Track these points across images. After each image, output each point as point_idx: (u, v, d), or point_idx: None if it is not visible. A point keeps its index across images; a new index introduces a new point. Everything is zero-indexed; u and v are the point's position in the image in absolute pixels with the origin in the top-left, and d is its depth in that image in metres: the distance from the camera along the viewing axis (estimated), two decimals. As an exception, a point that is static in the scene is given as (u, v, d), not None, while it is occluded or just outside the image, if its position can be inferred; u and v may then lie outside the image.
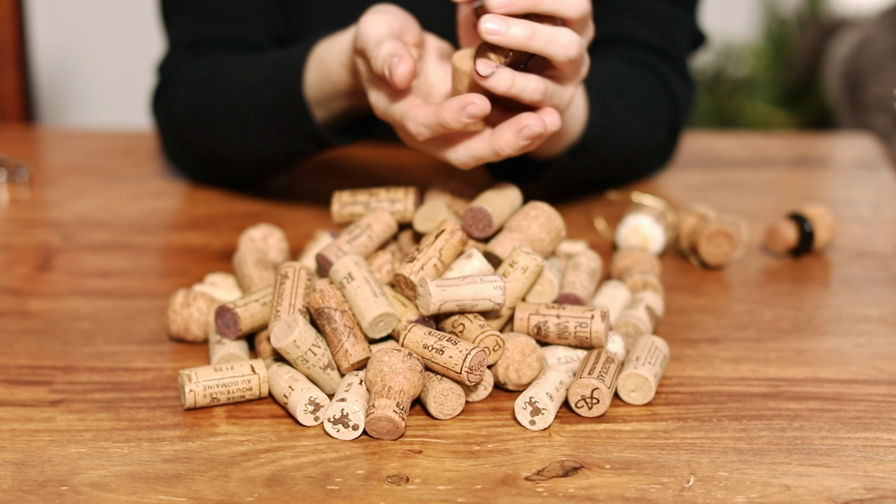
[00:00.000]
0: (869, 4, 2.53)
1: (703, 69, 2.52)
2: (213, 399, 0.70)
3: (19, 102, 1.41)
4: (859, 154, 1.21)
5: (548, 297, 0.76)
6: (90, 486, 0.62)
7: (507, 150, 0.76)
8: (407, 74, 0.76)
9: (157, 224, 1.01)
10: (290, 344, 0.69)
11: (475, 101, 0.73)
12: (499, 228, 0.78)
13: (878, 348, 0.78)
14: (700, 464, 0.64)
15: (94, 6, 2.47)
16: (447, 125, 0.75)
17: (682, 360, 0.76)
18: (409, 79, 0.76)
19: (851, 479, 0.63)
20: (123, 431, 0.68)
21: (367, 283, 0.71)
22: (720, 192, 1.09)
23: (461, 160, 0.78)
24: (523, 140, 0.76)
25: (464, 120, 0.74)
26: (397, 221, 0.80)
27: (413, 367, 0.67)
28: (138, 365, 0.76)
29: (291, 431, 0.68)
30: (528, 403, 0.68)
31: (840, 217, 1.01)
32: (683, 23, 1.09)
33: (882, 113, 2.17)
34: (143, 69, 2.06)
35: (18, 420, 0.69)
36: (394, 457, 0.65)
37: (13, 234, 0.99)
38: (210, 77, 1.01)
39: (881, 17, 2.27)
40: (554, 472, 0.64)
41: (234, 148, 1.00)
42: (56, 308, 0.84)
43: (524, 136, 0.75)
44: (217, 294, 0.81)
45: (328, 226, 0.96)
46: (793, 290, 0.88)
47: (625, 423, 0.69)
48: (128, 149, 1.20)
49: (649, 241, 0.91)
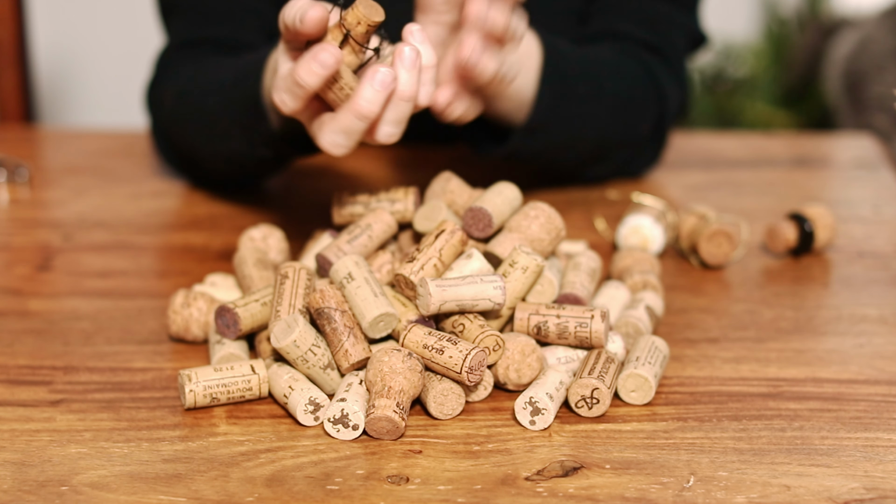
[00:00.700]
0: (869, 4, 2.53)
1: (703, 69, 2.52)
2: (213, 399, 0.70)
3: (19, 102, 1.41)
4: (859, 154, 1.21)
5: (548, 297, 0.76)
6: (90, 486, 0.62)
7: (367, 105, 0.72)
8: (317, 18, 0.71)
9: (157, 224, 1.01)
10: (290, 344, 0.69)
11: (325, 48, 0.70)
12: (499, 228, 0.78)
13: (878, 348, 0.78)
14: (700, 464, 0.64)
15: (94, 6, 2.47)
16: (302, 80, 0.71)
17: (682, 360, 0.76)
18: (318, 23, 0.72)
19: (851, 479, 0.63)
20: (123, 431, 0.68)
21: (367, 283, 0.71)
22: (720, 192, 1.09)
23: (329, 139, 0.74)
24: (380, 87, 0.72)
25: (316, 70, 0.71)
26: (397, 221, 0.80)
27: (413, 367, 0.67)
28: (138, 365, 0.76)
29: (291, 431, 0.68)
30: (528, 403, 0.68)
31: (840, 217, 1.01)
32: (682, 22, 1.09)
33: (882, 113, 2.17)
34: (143, 69, 2.06)
35: (18, 420, 0.69)
36: (394, 457, 0.65)
37: (13, 234, 0.99)
38: (191, 79, 1.01)
39: (881, 17, 2.27)
40: (554, 472, 0.64)
41: (206, 150, 1.00)
42: (56, 308, 0.84)
43: (379, 83, 0.72)
44: (217, 294, 0.81)
45: (328, 226, 0.96)
46: (793, 290, 0.88)
47: (625, 423, 0.69)
48: (128, 149, 1.20)
49: (649, 241, 0.91)
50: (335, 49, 0.71)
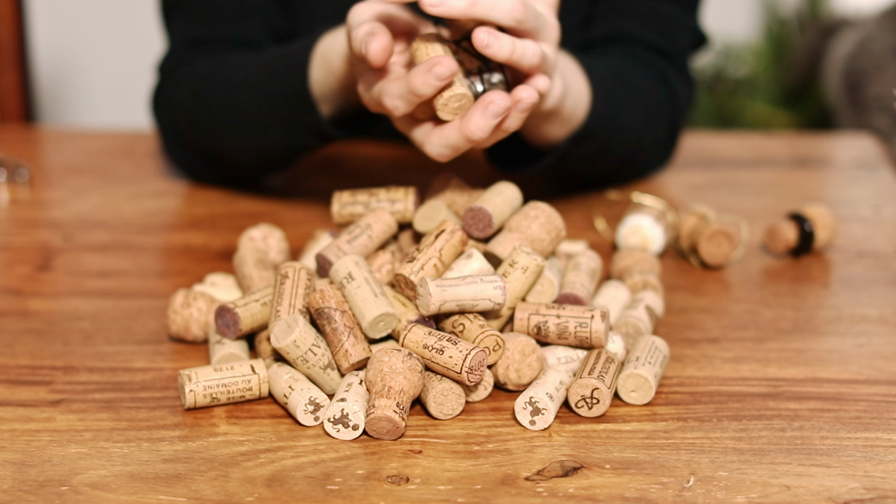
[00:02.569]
0: (869, 4, 2.53)
1: (703, 69, 2.52)
2: (213, 399, 0.70)
3: (19, 102, 1.41)
4: (859, 154, 1.21)
5: (548, 297, 0.76)
6: (90, 486, 0.62)
7: (478, 132, 0.75)
8: (380, 50, 0.75)
9: (157, 224, 1.01)
10: (290, 344, 0.69)
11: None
12: (499, 228, 0.78)
13: (878, 348, 0.78)
14: (700, 464, 0.64)
15: (94, 6, 2.47)
16: (417, 91, 0.74)
17: (682, 360, 0.76)
18: (383, 55, 0.75)
19: (851, 479, 0.63)
20: (123, 431, 0.68)
21: (367, 283, 0.71)
22: (720, 192, 1.09)
23: (436, 150, 0.77)
24: (491, 118, 0.74)
25: (433, 83, 0.73)
26: (397, 221, 0.80)
27: (413, 367, 0.67)
28: (138, 365, 0.76)
29: (291, 431, 0.68)
30: (528, 403, 0.68)
31: (840, 217, 1.01)
32: (684, 23, 1.10)
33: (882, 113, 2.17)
34: (143, 69, 2.06)
35: (18, 420, 0.69)
36: (394, 457, 0.65)
37: (13, 234, 0.99)
38: (211, 76, 1.01)
39: (881, 17, 2.27)
40: (554, 472, 0.64)
41: (235, 146, 1.00)
42: (56, 308, 0.84)
43: (491, 114, 0.74)
44: (217, 294, 0.81)
45: (328, 226, 0.96)
46: (793, 290, 0.88)
47: (625, 423, 0.69)
48: (128, 149, 1.20)
49: (649, 241, 0.91)
50: (451, 62, 0.73)
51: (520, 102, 0.76)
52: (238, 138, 0.99)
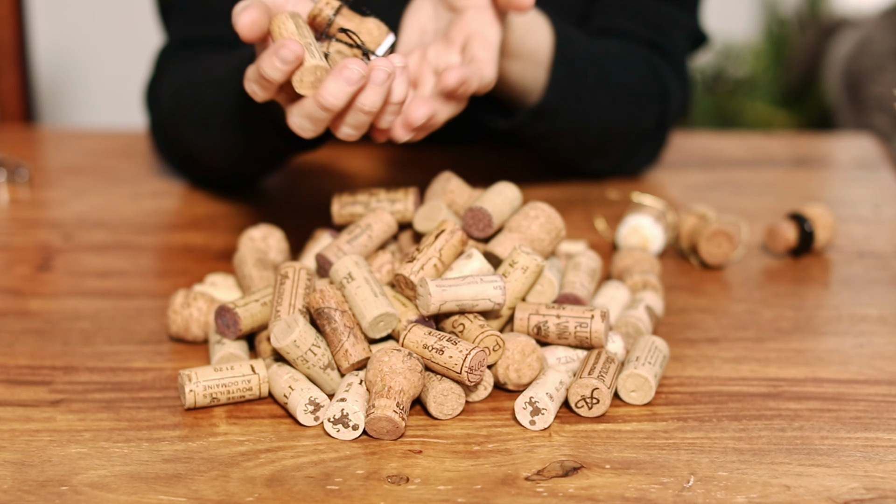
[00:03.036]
0: (869, 4, 2.53)
1: (703, 69, 2.52)
2: (213, 399, 0.70)
3: (19, 102, 1.41)
4: (859, 154, 1.21)
5: (548, 297, 0.76)
6: (90, 486, 0.62)
7: (331, 99, 0.72)
8: (249, 23, 0.72)
9: (157, 224, 1.01)
10: (290, 344, 0.69)
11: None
12: (499, 228, 0.78)
13: (878, 348, 0.78)
14: (700, 464, 0.64)
15: (94, 6, 2.47)
16: (267, 76, 0.72)
17: (682, 360, 0.76)
18: (252, 28, 0.72)
19: (851, 479, 0.63)
20: (123, 431, 0.68)
21: (367, 283, 0.71)
22: (720, 192, 1.09)
23: (296, 122, 0.75)
24: (346, 84, 0.71)
25: (279, 66, 0.71)
26: (397, 221, 0.80)
27: (413, 367, 0.67)
28: (138, 365, 0.76)
29: (291, 431, 0.68)
30: (528, 403, 0.68)
31: (840, 217, 1.01)
32: (683, 22, 1.09)
33: (882, 113, 2.17)
34: (143, 69, 2.06)
35: (18, 420, 0.69)
36: (394, 457, 0.65)
37: (13, 234, 0.99)
38: (187, 75, 1.01)
39: (881, 17, 2.27)
40: (554, 472, 0.64)
41: (204, 144, 1.00)
42: (56, 308, 0.84)
43: (345, 80, 0.71)
44: (217, 294, 0.81)
45: (328, 226, 0.96)
46: (793, 290, 0.88)
47: (625, 423, 0.69)
48: (128, 149, 1.20)
49: (649, 241, 0.91)
50: (296, 45, 0.70)
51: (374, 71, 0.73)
52: (205, 138, 0.98)
